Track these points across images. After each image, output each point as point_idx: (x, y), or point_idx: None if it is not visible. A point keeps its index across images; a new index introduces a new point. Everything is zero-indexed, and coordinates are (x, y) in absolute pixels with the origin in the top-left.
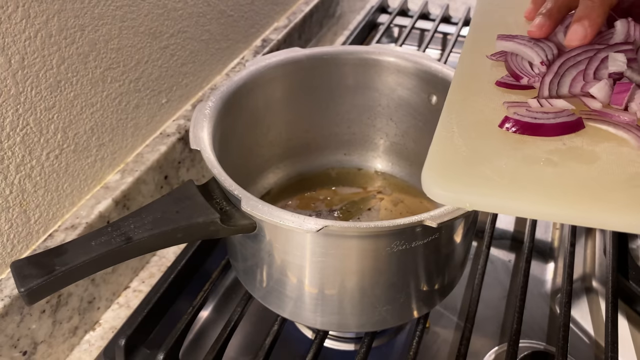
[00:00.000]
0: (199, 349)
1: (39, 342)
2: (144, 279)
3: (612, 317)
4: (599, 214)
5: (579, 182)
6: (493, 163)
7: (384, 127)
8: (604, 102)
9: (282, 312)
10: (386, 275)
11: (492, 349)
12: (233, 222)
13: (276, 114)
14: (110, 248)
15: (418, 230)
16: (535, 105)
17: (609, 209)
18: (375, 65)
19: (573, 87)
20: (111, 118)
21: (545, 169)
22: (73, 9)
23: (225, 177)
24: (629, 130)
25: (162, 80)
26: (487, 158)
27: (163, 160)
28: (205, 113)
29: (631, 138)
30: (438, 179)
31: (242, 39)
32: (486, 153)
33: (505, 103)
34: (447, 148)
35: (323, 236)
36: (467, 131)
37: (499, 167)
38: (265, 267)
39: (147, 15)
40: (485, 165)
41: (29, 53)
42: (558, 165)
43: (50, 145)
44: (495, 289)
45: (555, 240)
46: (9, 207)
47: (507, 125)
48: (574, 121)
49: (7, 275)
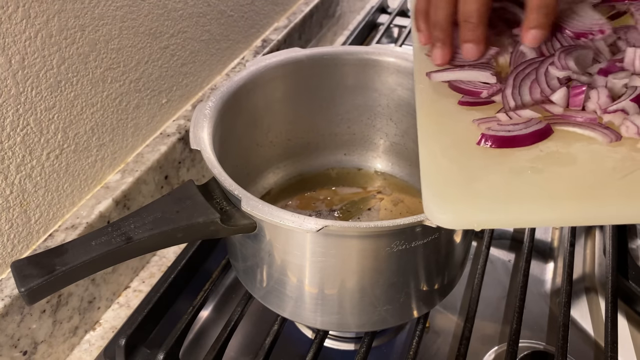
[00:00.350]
0: (199, 349)
1: (39, 341)
2: (144, 278)
3: (612, 317)
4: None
5: (568, 184)
6: (485, 179)
7: (384, 127)
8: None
9: (282, 312)
10: (386, 275)
11: (492, 349)
12: (233, 222)
13: (276, 114)
14: (111, 248)
15: (418, 230)
16: (505, 118)
17: (603, 203)
18: (375, 66)
19: (533, 94)
20: (111, 118)
21: (534, 177)
22: (73, 9)
23: (225, 177)
24: (594, 128)
25: (162, 81)
26: (478, 175)
27: (163, 160)
28: (205, 113)
29: (597, 135)
30: (440, 205)
31: (242, 39)
32: (475, 170)
33: (475, 121)
34: (437, 171)
35: (323, 236)
36: (449, 153)
37: (492, 182)
38: (265, 267)
39: (148, 16)
40: (478, 182)
41: (29, 53)
42: (544, 172)
43: (51, 145)
44: (495, 288)
45: (555, 240)
46: (9, 207)
47: (485, 142)
48: (544, 128)
49: (7, 275)
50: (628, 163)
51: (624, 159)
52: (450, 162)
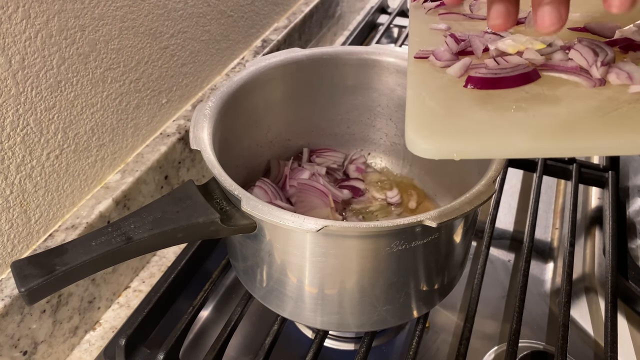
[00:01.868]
0: (199, 349)
1: (39, 341)
2: (144, 278)
3: (612, 317)
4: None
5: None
6: (469, 116)
7: (384, 127)
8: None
9: (282, 312)
10: (386, 275)
11: (492, 349)
12: (233, 222)
13: (276, 114)
14: (111, 248)
15: (418, 230)
16: (493, 64)
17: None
18: (375, 66)
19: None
20: (111, 118)
21: (518, 114)
22: (73, 10)
23: (225, 177)
24: (579, 74)
25: (162, 81)
26: (463, 113)
27: (163, 160)
28: (205, 113)
29: (582, 80)
30: (422, 135)
31: (242, 39)
32: (460, 110)
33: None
34: (423, 110)
35: (323, 236)
36: (435, 95)
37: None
38: (265, 267)
39: (148, 16)
40: (462, 119)
41: (30, 53)
42: (528, 110)
43: (51, 146)
44: (495, 288)
45: (555, 240)
46: (9, 207)
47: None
48: (531, 72)
49: (7, 275)
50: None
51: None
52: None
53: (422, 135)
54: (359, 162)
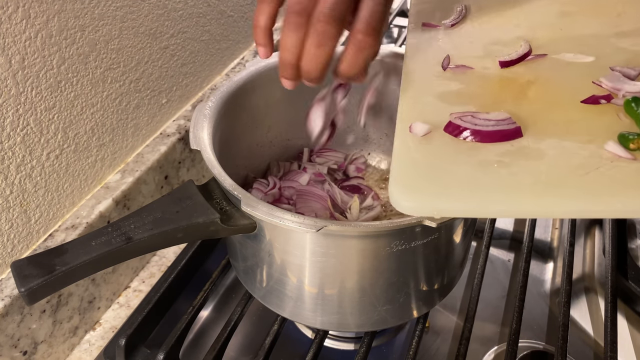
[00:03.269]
0: (199, 349)
1: (39, 341)
2: (144, 278)
3: (612, 317)
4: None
5: (531, 179)
6: (452, 171)
7: (384, 127)
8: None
9: (282, 312)
10: (386, 275)
11: (492, 349)
12: (233, 222)
13: (276, 114)
14: (111, 248)
15: (417, 230)
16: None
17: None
18: (375, 66)
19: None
20: (111, 118)
21: (500, 171)
22: (73, 10)
23: (225, 177)
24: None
25: (162, 81)
26: (446, 167)
27: (163, 160)
28: (205, 113)
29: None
30: (404, 192)
31: (242, 39)
32: (444, 163)
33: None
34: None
35: (323, 236)
36: (421, 145)
37: (459, 175)
38: (265, 267)
39: (148, 16)
40: (445, 174)
41: (30, 53)
42: (511, 166)
43: (51, 146)
44: (495, 288)
45: (555, 240)
46: (9, 207)
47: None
48: (513, 129)
49: (7, 275)
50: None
51: (591, 156)
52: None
53: (404, 193)
54: (359, 162)
